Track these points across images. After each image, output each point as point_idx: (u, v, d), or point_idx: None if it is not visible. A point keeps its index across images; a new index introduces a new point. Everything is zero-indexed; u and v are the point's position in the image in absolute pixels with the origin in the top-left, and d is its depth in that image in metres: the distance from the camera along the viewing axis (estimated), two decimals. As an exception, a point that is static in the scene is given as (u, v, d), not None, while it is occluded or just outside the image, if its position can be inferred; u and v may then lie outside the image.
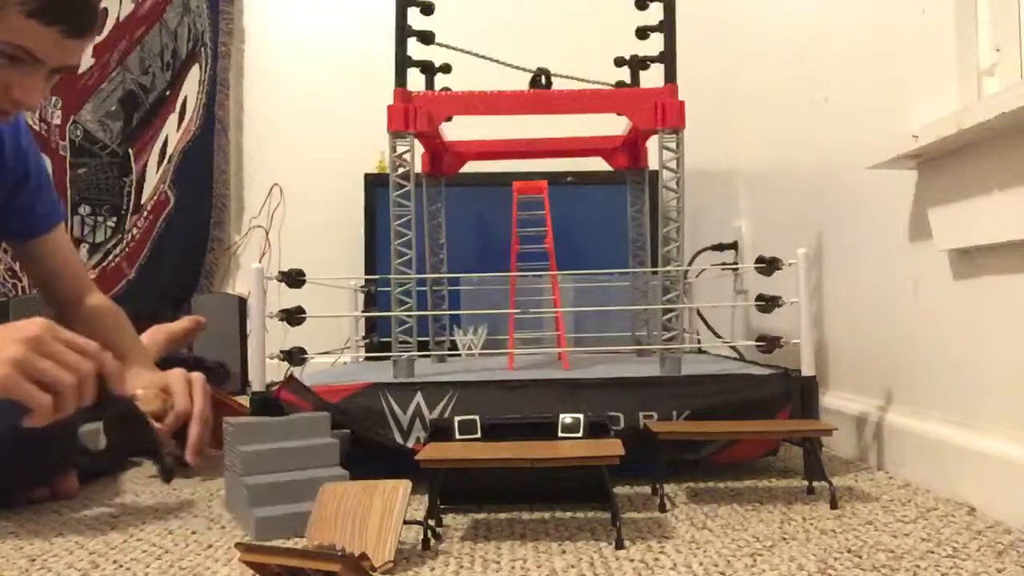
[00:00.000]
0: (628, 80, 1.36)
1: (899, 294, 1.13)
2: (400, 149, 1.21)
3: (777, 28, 1.62)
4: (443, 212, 1.51)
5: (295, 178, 2.61)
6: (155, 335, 1.32)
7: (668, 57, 1.23)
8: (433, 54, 1.30)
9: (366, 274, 2.24)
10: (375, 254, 2.27)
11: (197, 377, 1.12)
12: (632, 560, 0.75)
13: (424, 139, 1.34)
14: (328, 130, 2.58)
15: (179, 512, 0.98)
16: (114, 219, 2.54)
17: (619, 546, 0.79)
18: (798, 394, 1.10)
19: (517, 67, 1.32)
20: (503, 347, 1.40)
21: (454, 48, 1.29)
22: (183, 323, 1.38)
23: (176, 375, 1.13)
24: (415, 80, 1.26)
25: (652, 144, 1.34)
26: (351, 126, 2.49)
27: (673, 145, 1.19)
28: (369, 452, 1.07)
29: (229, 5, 2.63)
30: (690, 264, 1.93)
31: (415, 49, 1.27)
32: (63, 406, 0.83)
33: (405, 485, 0.78)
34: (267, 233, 2.62)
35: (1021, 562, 0.72)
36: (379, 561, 0.73)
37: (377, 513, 0.76)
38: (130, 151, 2.56)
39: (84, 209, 2.53)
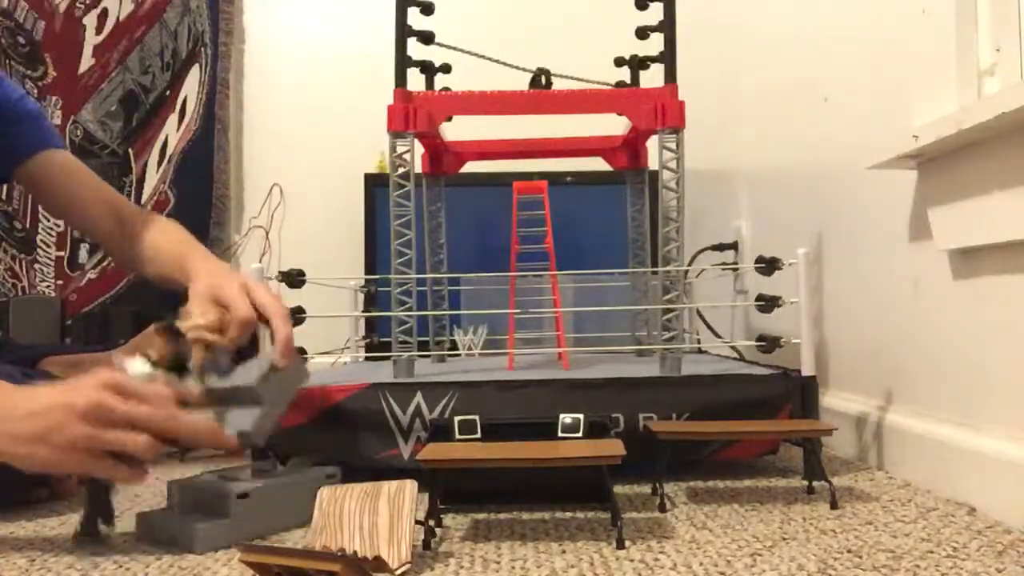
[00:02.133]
0: (628, 80, 1.36)
1: (899, 294, 1.13)
2: (400, 149, 1.21)
3: (777, 28, 1.62)
4: (443, 212, 1.51)
5: (295, 178, 2.61)
6: (150, 335, 1.32)
7: (668, 57, 1.23)
8: (433, 54, 1.30)
9: (366, 274, 2.24)
10: (375, 254, 2.27)
11: (255, 282, 0.95)
12: (632, 560, 0.75)
13: (424, 139, 1.34)
14: (328, 130, 2.58)
15: (179, 512, 0.98)
16: (114, 219, 2.54)
17: (620, 546, 0.79)
18: (798, 394, 1.10)
19: (517, 67, 1.32)
20: (503, 347, 1.40)
21: (454, 48, 1.29)
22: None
23: (229, 282, 0.94)
24: (415, 80, 1.26)
25: (652, 144, 1.34)
26: (351, 126, 2.48)
27: (673, 145, 1.19)
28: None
29: (229, 5, 2.63)
30: (690, 264, 1.93)
31: (415, 49, 1.27)
32: (144, 468, 0.79)
33: (411, 484, 0.78)
34: (267, 233, 2.62)
35: (1021, 562, 0.72)
36: (396, 563, 0.72)
37: (385, 515, 0.75)
38: (130, 151, 2.56)
39: (84, 209, 2.52)
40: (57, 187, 1.19)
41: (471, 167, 1.54)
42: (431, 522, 0.83)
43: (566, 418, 0.95)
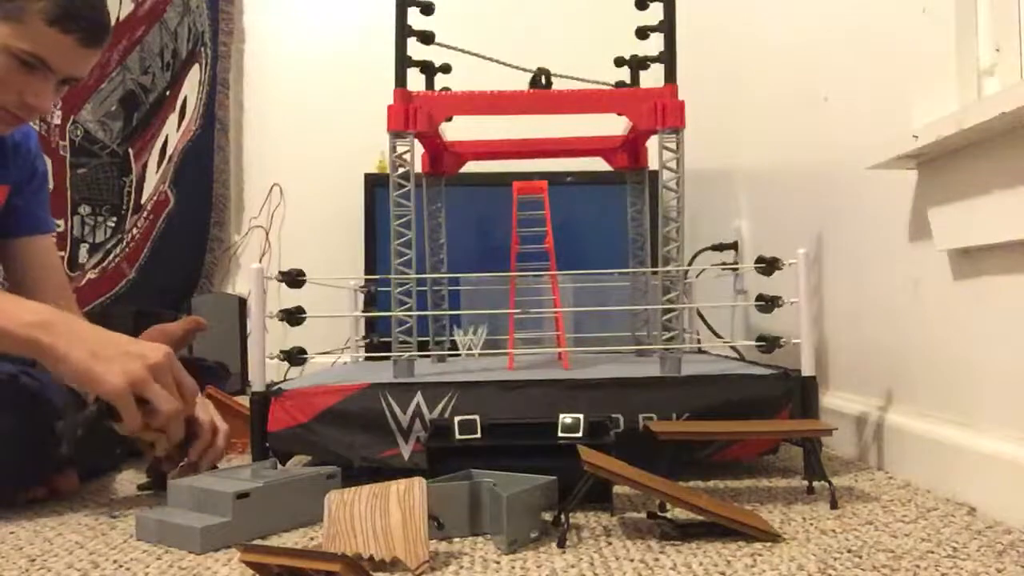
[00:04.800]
0: (628, 80, 1.36)
1: (899, 294, 1.13)
2: (400, 149, 1.21)
3: (777, 28, 1.62)
4: (443, 212, 1.51)
5: (295, 178, 2.61)
6: (154, 336, 1.32)
7: (668, 57, 1.23)
8: (433, 54, 1.30)
9: (366, 274, 2.24)
10: (375, 254, 2.27)
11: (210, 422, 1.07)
12: (632, 560, 0.75)
13: (424, 139, 1.34)
14: (328, 130, 2.58)
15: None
16: (114, 219, 2.54)
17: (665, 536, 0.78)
18: (798, 394, 1.10)
19: (517, 67, 1.32)
20: (503, 347, 1.40)
21: (454, 48, 1.29)
22: (183, 323, 1.38)
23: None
24: (415, 80, 1.26)
25: (652, 144, 1.34)
26: (351, 126, 2.48)
27: (673, 145, 1.19)
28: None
29: (229, 5, 2.63)
30: (690, 264, 1.93)
31: (415, 49, 1.27)
32: (150, 431, 0.95)
33: (420, 482, 0.77)
34: (267, 233, 2.62)
35: (1021, 562, 0.72)
36: (415, 562, 0.72)
37: (397, 514, 0.75)
38: (130, 151, 2.56)
39: (84, 209, 2.52)
40: (31, 273, 1.26)
41: (471, 167, 1.54)
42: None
43: (566, 418, 0.95)
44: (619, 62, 1.37)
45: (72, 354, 0.92)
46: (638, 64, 1.34)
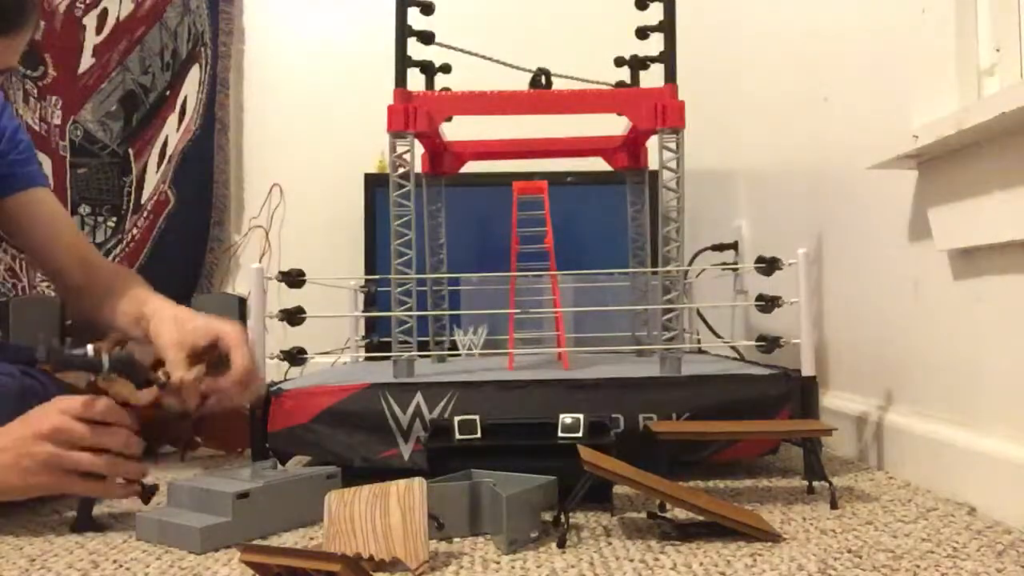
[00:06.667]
0: (628, 80, 1.36)
1: (899, 294, 1.13)
2: (400, 149, 1.21)
3: (777, 28, 1.62)
4: (443, 212, 1.51)
5: (295, 178, 2.61)
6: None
7: (668, 57, 1.23)
8: (433, 54, 1.30)
9: (366, 274, 2.24)
10: (375, 254, 2.27)
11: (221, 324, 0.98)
12: (632, 560, 0.75)
13: (424, 139, 1.34)
14: (328, 130, 2.58)
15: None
16: (114, 219, 2.54)
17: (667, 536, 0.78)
18: (798, 394, 1.10)
19: (517, 67, 1.32)
20: (503, 347, 1.40)
21: (454, 48, 1.29)
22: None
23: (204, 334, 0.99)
24: (415, 80, 1.26)
25: (652, 144, 1.34)
26: (351, 126, 2.48)
27: (673, 145, 1.19)
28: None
29: (229, 5, 2.63)
30: (690, 264, 1.93)
31: (415, 49, 1.27)
32: (114, 483, 0.87)
33: (420, 482, 0.77)
34: (267, 233, 2.62)
35: (1021, 562, 0.72)
36: (415, 562, 0.72)
37: (397, 515, 0.75)
38: (130, 151, 2.56)
39: (84, 209, 2.52)
40: (39, 227, 1.20)
41: (471, 167, 1.54)
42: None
43: (566, 418, 0.95)
44: (619, 62, 1.37)
45: None
46: (638, 64, 1.34)
